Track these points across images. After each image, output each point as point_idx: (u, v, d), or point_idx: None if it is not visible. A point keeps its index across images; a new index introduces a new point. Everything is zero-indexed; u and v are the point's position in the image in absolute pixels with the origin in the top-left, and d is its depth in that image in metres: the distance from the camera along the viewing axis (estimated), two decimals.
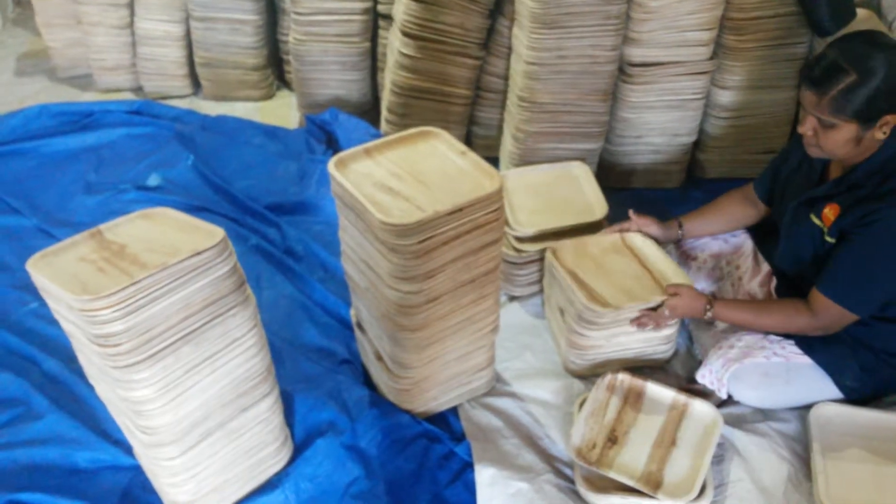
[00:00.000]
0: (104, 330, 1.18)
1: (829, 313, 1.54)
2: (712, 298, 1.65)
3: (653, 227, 1.89)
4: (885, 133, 1.46)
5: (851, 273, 1.51)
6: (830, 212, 1.56)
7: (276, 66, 3.15)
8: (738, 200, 1.88)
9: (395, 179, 1.46)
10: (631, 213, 1.92)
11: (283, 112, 3.03)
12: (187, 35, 2.97)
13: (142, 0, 2.89)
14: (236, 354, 1.38)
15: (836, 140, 1.48)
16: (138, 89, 3.15)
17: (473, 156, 1.50)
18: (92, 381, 1.43)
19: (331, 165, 1.46)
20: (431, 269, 1.42)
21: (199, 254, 1.25)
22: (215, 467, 1.47)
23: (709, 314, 1.63)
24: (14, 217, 2.46)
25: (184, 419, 1.34)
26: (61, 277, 1.23)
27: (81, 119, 2.87)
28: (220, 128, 2.81)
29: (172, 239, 1.33)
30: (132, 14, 2.95)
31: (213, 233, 1.31)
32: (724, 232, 1.91)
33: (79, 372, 1.86)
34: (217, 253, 1.28)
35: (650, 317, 1.69)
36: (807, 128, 1.51)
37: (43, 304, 2.13)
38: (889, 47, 1.43)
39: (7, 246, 2.33)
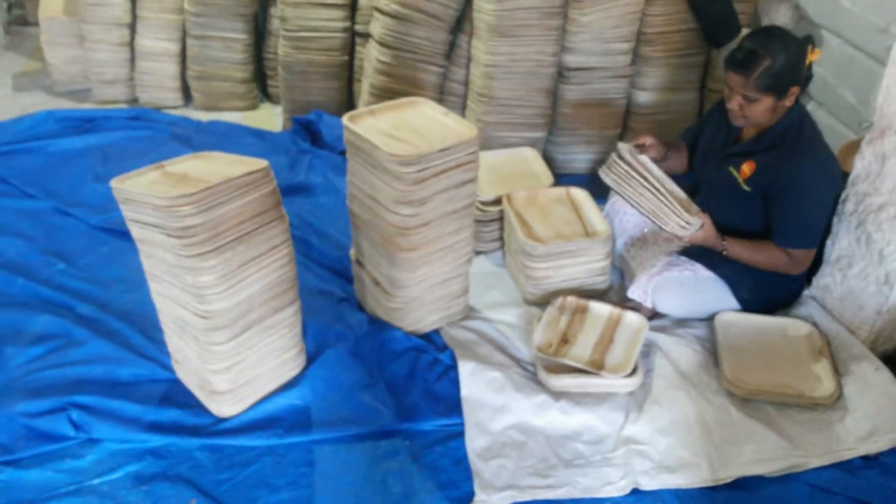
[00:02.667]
0: (185, 223, 1.55)
1: (798, 256, 2.01)
2: (724, 237, 2.01)
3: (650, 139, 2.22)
4: (791, 101, 1.95)
5: (797, 222, 1.98)
6: (747, 167, 2.03)
7: (261, 81, 3.57)
8: (683, 147, 2.34)
9: (395, 129, 1.90)
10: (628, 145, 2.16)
11: (267, 121, 3.43)
12: (182, 51, 3.37)
13: (143, 20, 3.29)
14: (274, 259, 1.75)
15: (759, 110, 1.94)
16: (133, 101, 3.50)
17: (454, 115, 1.96)
18: (153, 281, 1.76)
19: (345, 119, 1.89)
20: (425, 196, 1.85)
21: (252, 173, 1.65)
22: (252, 360, 1.81)
23: (724, 244, 2.01)
24: (30, 201, 2.72)
25: (234, 308, 1.70)
26: (144, 188, 1.60)
27: (84, 124, 3.19)
28: (213, 130, 3.19)
29: (224, 169, 1.71)
30: (133, 33, 3.34)
31: (259, 162, 1.71)
32: (678, 167, 2.31)
33: (112, 312, 2.18)
34: (264, 174, 1.69)
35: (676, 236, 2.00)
36: (734, 104, 1.96)
37: (69, 265, 2.41)
38: (787, 35, 1.92)
39: (29, 222, 2.60)
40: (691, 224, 1.94)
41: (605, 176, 1.99)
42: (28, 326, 2.10)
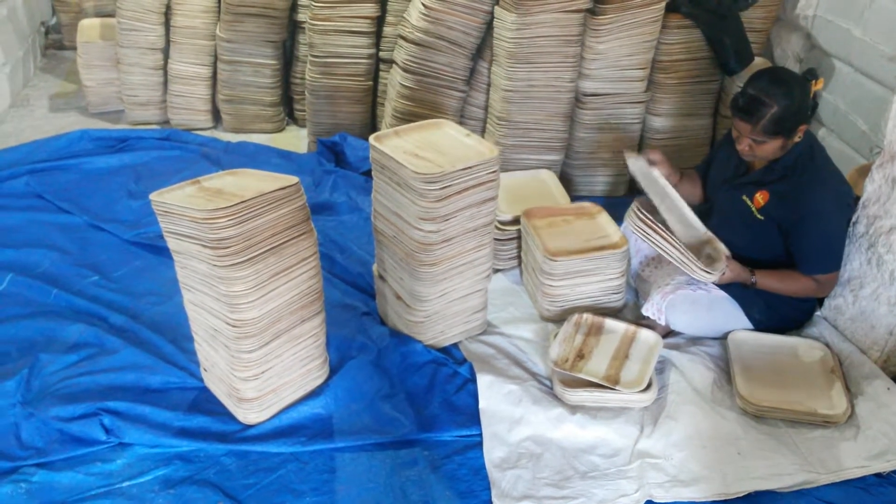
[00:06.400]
0: (221, 234, 1.63)
1: (825, 280, 2.08)
2: (752, 270, 2.06)
3: (659, 155, 2.26)
4: (800, 137, 2.01)
5: (820, 250, 2.05)
6: (761, 197, 2.09)
7: (288, 104, 3.70)
8: (697, 178, 2.40)
9: (419, 149, 1.98)
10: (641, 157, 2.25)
11: (293, 143, 3.54)
12: (213, 76, 3.51)
13: (177, 46, 3.43)
14: (303, 271, 1.83)
15: (769, 149, 2.01)
16: (165, 122, 3.63)
17: (476, 136, 2.04)
18: (186, 291, 1.84)
19: (372, 139, 1.98)
20: (447, 213, 1.92)
21: (285, 188, 1.73)
22: (278, 368, 1.88)
23: (753, 279, 2.06)
24: (65, 216, 2.83)
25: (264, 317, 1.77)
26: (182, 202, 1.69)
27: (117, 143, 3.31)
28: (241, 151, 3.30)
29: (257, 185, 1.80)
30: (166, 57, 3.48)
31: (290, 179, 1.79)
32: (692, 196, 2.33)
33: (144, 322, 2.26)
34: (296, 190, 1.77)
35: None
36: (744, 146, 2.03)
37: (102, 277, 2.51)
38: (790, 78, 1.99)
39: (64, 236, 2.70)
40: (712, 273, 1.98)
41: (629, 226, 2.05)
42: (62, 335, 2.19)
